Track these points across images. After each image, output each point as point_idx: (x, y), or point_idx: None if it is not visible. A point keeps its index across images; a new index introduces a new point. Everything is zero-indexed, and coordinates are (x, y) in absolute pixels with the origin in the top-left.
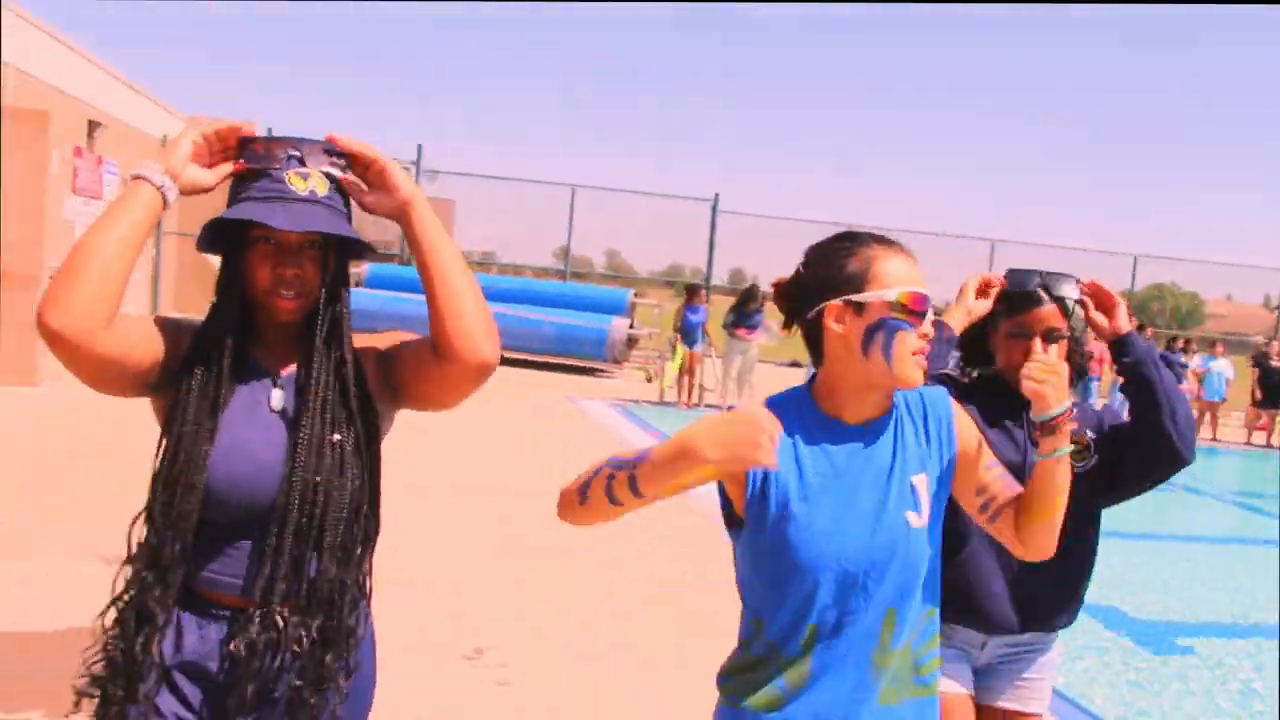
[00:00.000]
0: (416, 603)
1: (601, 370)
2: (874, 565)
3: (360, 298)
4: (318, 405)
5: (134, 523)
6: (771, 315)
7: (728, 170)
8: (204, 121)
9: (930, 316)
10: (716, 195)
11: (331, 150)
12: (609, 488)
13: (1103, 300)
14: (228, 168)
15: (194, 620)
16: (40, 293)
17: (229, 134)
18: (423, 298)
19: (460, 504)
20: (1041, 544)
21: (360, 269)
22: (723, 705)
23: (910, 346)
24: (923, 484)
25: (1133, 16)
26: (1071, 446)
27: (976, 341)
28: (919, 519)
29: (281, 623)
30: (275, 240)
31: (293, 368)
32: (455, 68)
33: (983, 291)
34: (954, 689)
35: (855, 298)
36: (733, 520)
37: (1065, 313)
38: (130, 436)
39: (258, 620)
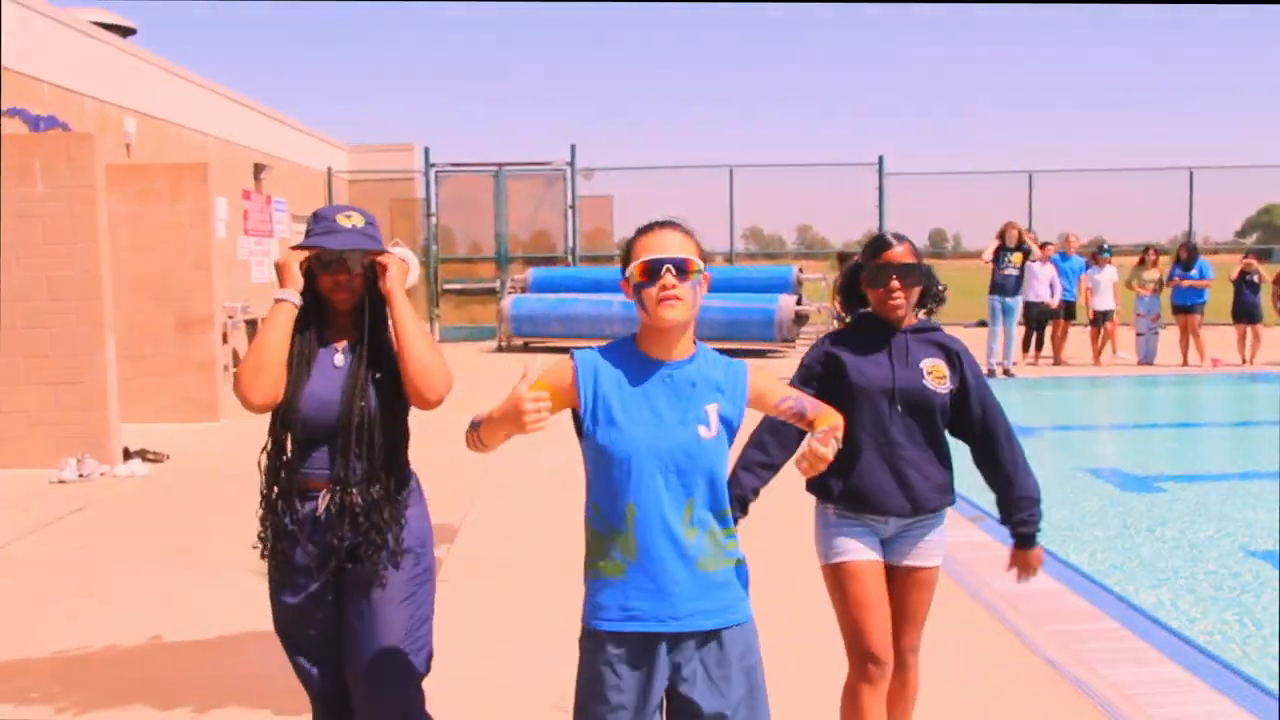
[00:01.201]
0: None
1: (774, 351)
2: (673, 463)
3: (528, 303)
4: (363, 357)
5: (262, 452)
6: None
7: (889, 133)
8: (290, 252)
9: (677, 266)
10: (881, 158)
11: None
12: (473, 440)
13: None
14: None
15: (299, 499)
16: (215, 337)
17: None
18: (591, 297)
19: None
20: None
21: (524, 275)
22: (587, 578)
23: (653, 299)
24: (713, 410)
25: None
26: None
27: (851, 288)
28: (708, 432)
29: (344, 495)
30: (329, 257)
31: (351, 338)
32: (606, 65)
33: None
34: (864, 556)
35: (622, 277)
36: (580, 431)
37: (916, 252)
38: None
39: (332, 494)
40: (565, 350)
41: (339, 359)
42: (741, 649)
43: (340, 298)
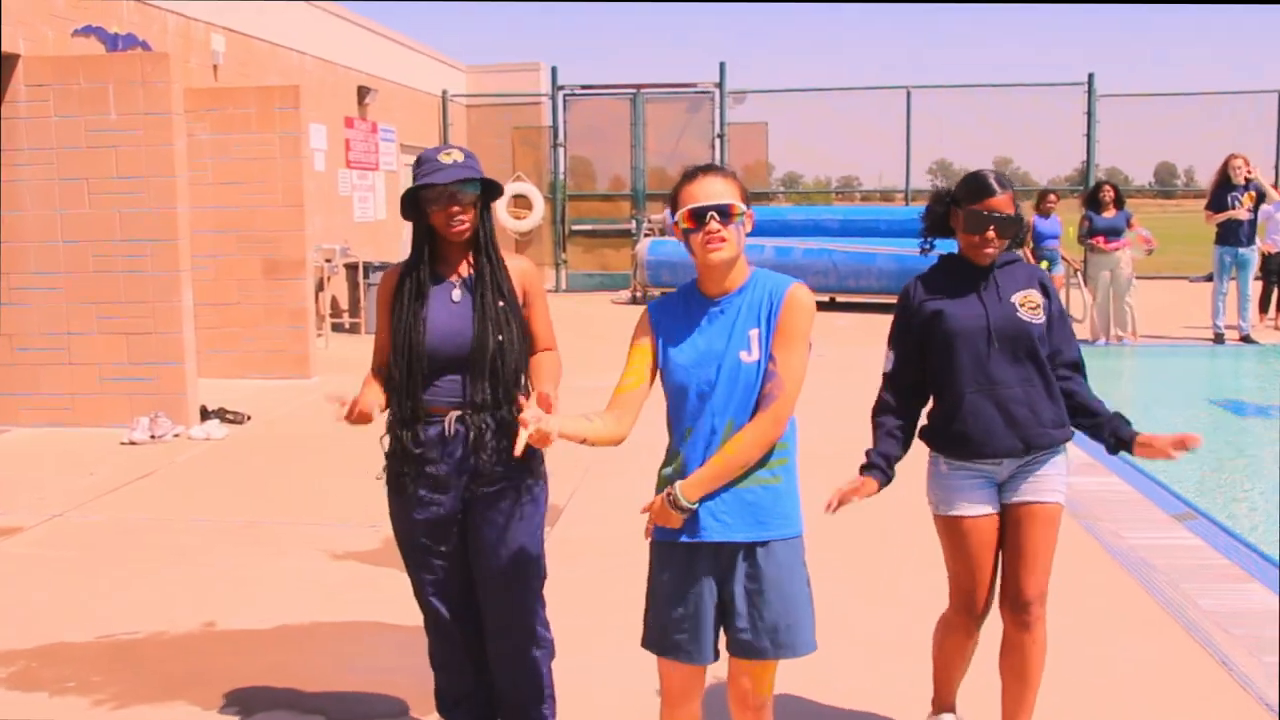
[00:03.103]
0: None
1: None
2: (715, 387)
3: (668, 247)
4: (486, 290)
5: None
6: (1143, 219)
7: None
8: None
9: (720, 212)
10: (1091, 76)
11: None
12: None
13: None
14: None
15: (423, 425)
16: (308, 283)
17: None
18: None
19: None
20: None
21: (664, 216)
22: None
23: (700, 243)
24: (755, 335)
25: None
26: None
27: (939, 219)
28: (749, 357)
29: (469, 419)
30: (441, 192)
31: (462, 273)
32: None
33: None
34: (977, 510)
35: (672, 221)
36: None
37: (1015, 201)
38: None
39: (458, 418)
40: None
41: (456, 294)
42: (779, 565)
43: (456, 231)
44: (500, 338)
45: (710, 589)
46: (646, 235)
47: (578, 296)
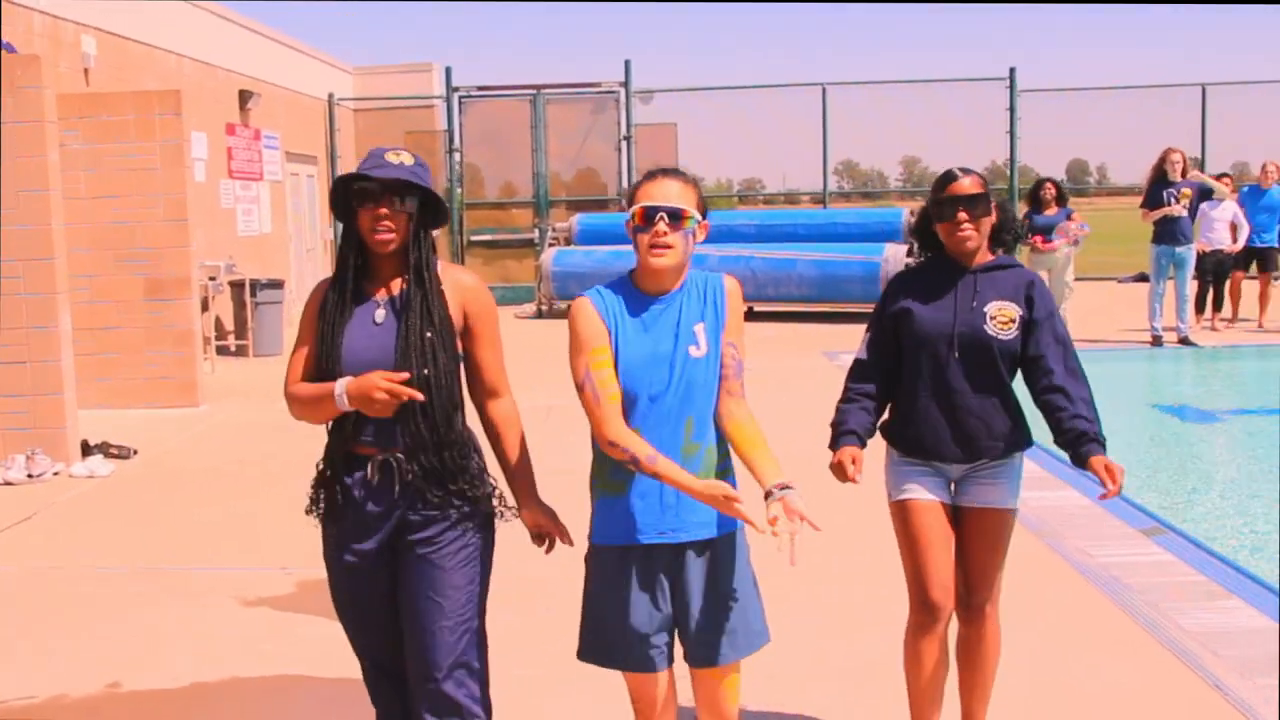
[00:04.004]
0: None
1: None
2: (669, 384)
3: (574, 257)
4: (413, 315)
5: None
6: (1079, 214)
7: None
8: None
9: (671, 215)
10: (1013, 70)
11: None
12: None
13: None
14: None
15: (345, 468)
16: (194, 303)
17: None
18: None
19: None
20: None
21: (569, 223)
22: (594, 498)
23: (645, 245)
24: (701, 330)
25: None
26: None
27: (925, 228)
28: (698, 351)
29: (395, 463)
30: (371, 190)
31: (392, 292)
32: None
33: None
34: (927, 496)
35: (626, 219)
36: None
37: (984, 184)
38: (289, 446)
39: (381, 461)
40: None
41: (380, 314)
42: (735, 554)
43: (379, 239)
44: (426, 372)
45: (659, 592)
46: (551, 245)
47: None
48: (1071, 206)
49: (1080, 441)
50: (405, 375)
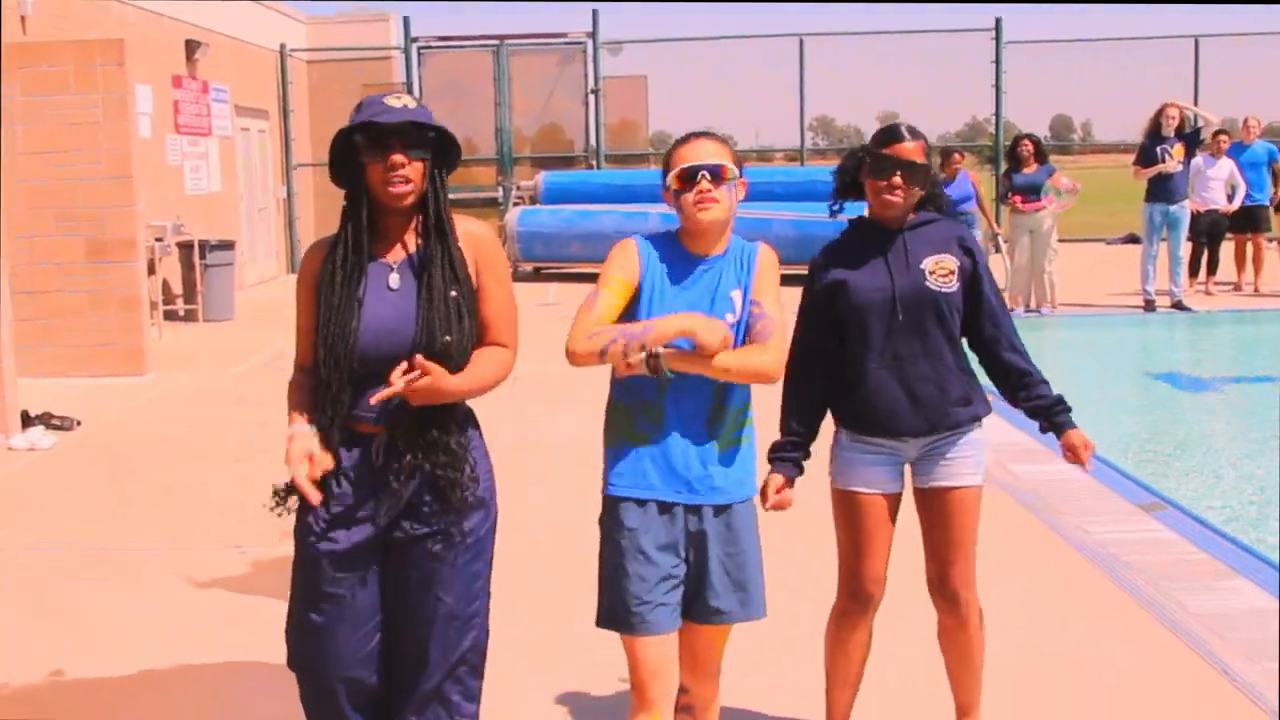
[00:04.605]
0: None
1: None
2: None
3: (540, 217)
4: (437, 268)
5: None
6: (1065, 172)
7: None
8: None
9: (712, 172)
10: (998, 20)
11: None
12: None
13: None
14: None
15: (344, 446)
16: (140, 265)
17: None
18: (622, 208)
19: None
20: None
21: (534, 181)
22: (608, 452)
23: (689, 203)
24: (738, 296)
25: None
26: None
27: (848, 178)
28: (733, 317)
29: (400, 444)
30: (383, 142)
31: (406, 253)
32: None
33: None
34: (874, 489)
35: (663, 187)
36: (631, 307)
37: (927, 154)
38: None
39: (387, 442)
40: (589, 277)
41: (394, 278)
42: (747, 521)
43: (395, 192)
44: (448, 338)
45: (678, 550)
46: (516, 204)
47: None
48: (1054, 164)
49: (1055, 411)
50: (325, 469)
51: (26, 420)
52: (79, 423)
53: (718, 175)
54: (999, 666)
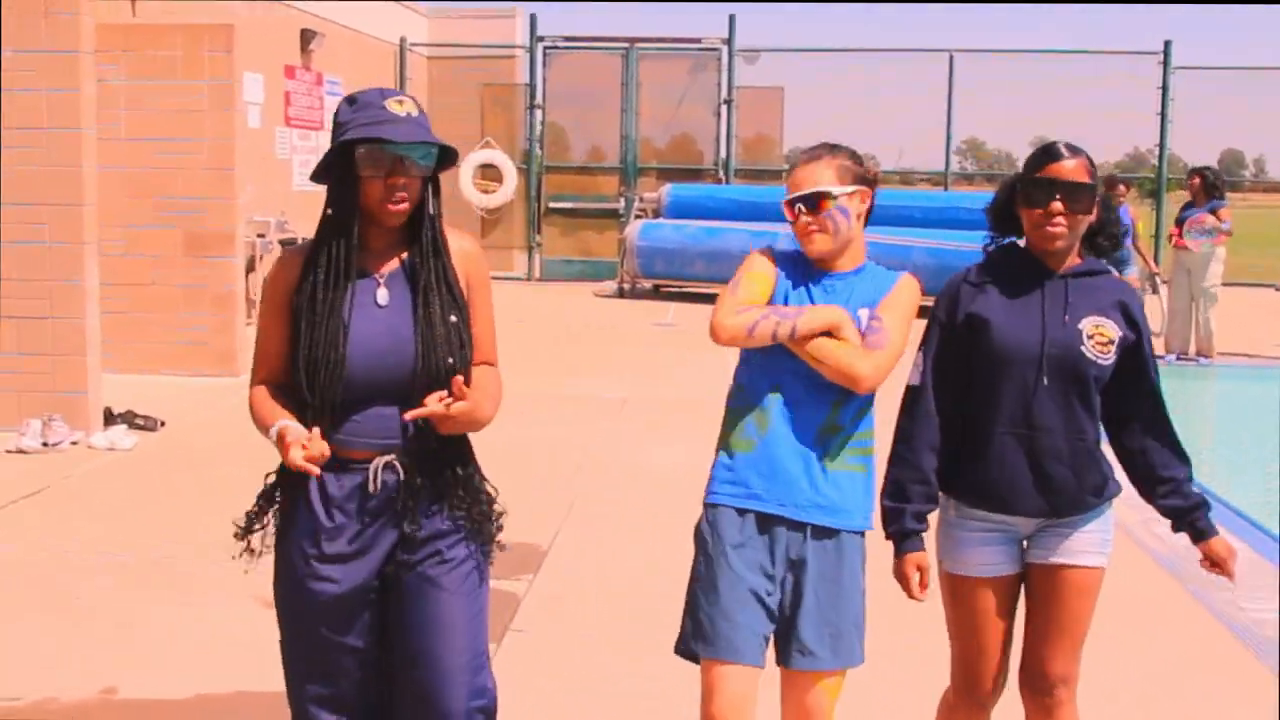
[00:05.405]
0: None
1: None
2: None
3: (663, 231)
4: (434, 291)
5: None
6: (1230, 210)
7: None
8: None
9: (806, 203)
10: (1167, 44)
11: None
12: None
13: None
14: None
15: (333, 474)
16: (238, 262)
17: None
18: (750, 226)
19: None
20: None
21: (659, 194)
22: (718, 459)
23: (800, 231)
24: (864, 314)
25: None
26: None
27: (1005, 210)
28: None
29: (399, 469)
30: (387, 155)
31: (393, 267)
32: None
33: None
34: (989, 572)
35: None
36: None
37: (1092, 173)
38: None
39: (386, 465)
40: (711, 298)
41: (382, 294)
42: (853, 557)
43: (396, 210)
44: (451, 360)
45: (774, 576)
46: (638, 217)
47: (554, 287)
48: (1223, 200)
49: (1195, 514)
50: (323, 454)
51: (109, 418)
52: (163, 423)
53: (813, 205)
54: None
